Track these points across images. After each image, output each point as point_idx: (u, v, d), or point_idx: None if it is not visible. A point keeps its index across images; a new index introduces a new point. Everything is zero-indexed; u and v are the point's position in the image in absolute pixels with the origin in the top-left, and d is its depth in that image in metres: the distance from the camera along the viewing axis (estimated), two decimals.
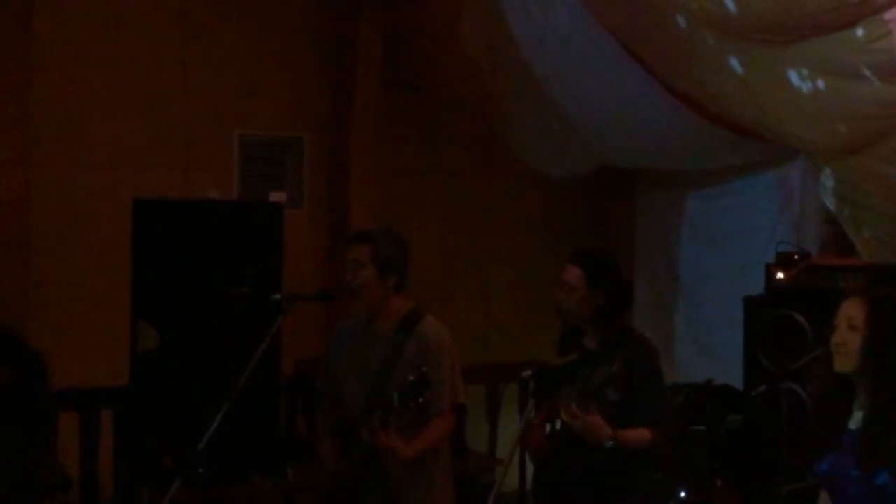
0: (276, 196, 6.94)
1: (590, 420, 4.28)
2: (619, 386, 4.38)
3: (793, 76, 5.82)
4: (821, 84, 5.77)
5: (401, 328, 4.60)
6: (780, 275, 6.43)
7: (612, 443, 4.30)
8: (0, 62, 6.62)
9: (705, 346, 7.73)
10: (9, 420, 4.02)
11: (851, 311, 3.43)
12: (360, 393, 4.60)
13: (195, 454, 4.32)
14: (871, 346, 3.37)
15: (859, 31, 5.30)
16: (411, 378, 4.31)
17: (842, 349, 3.42)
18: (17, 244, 6.67)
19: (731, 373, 6.59)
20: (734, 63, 5.94)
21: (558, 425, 4.60)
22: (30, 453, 4.05)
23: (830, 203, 6.59)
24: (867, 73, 5.47)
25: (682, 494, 5.94)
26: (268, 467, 6.19)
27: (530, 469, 7.26)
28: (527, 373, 4.23)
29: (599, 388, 4.35)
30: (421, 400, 4.30)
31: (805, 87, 5.82)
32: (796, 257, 6.48)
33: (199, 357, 5.91)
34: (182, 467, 4.39)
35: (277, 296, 4.79)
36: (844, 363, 3.43)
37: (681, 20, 5.86)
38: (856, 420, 3.44)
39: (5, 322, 5.81)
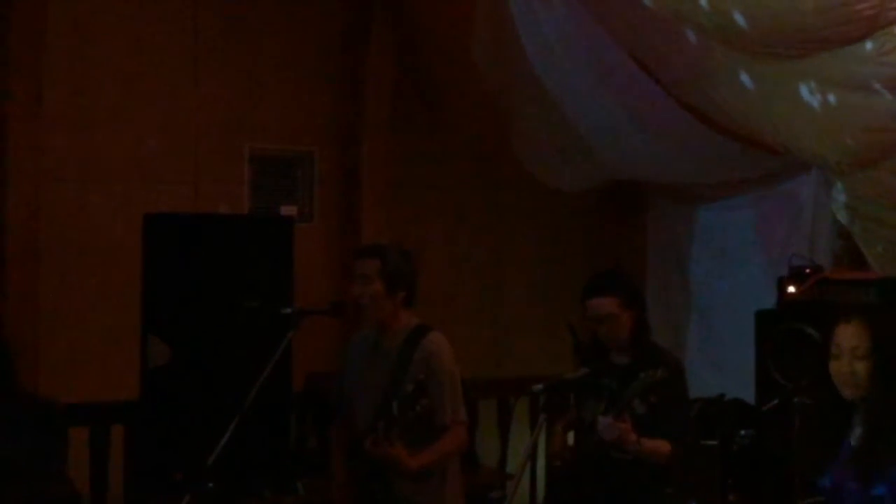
0: (287, 210, 6.95)
1: (622, 427, 4.29)
2: (647, 399, 4.40)
3: (803, 90, 5.80)
4: (831, 98, 5.75)
5: (407, 343, 4.62)
6: (792, 289, 6.40)
7: (634, 448, 4.32)
8: (12, 78, 6.65)
9: (717, 360, 7.71)
10: (19, 436, 4.02)
11: (854, 341, 3.39)
12: (369, 409, 4.61)
13: (205, 468, 4.32)
14: (880, 374, 3.35)
15: (869, 45, 5.29)
16: (409, 387, 4.33)
17: (851, 379, 3.39)
18: (27, 259, 6.68)
19: (743, 387, 6.57)
20: (744, 77, 5.93)
21: (571, 439, 4.62)
22: (40, 469, 4.05)
23: (842, 217, 6.57)
24: (878, 86, 5.46)
25: None
26: (278, 481, 6.19)
27: (541, 484, 7.27)
28: (537, 387, 4.26)
29: (630, 399, 4.37)
30: (418, 408, 4.32)
31: (816, 101, 5.81)
32: (808, 271, 6.45)
33: (209, 372, 5.91)
34: (192, 481, 4.39)
35: (288, 310, 4.78)
36: (855, 392, 3.40)
37: (690, 35, 5.86)
38: (855, 436, 3.43)
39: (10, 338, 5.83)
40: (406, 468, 4.45)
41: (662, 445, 4.44)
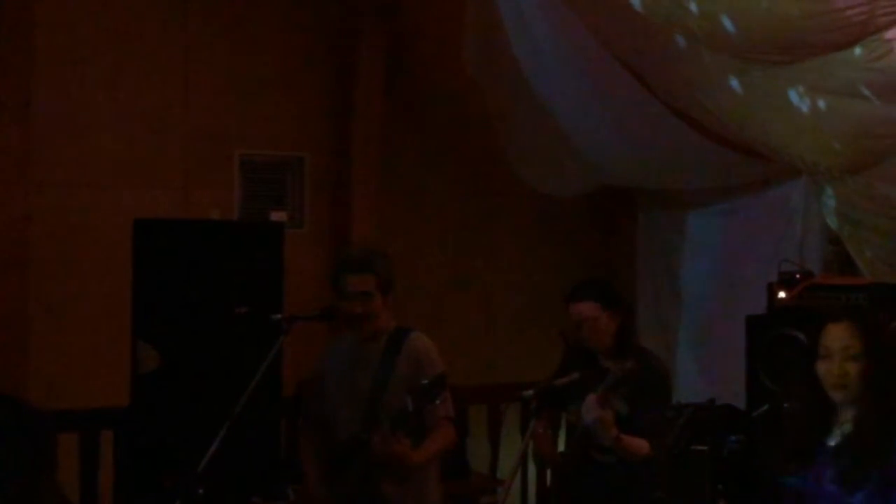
0: (277, 216, 6.94)
1: (603, 414, 4.31)
2: (628, 397, 4.41)
3: (792, 95, 5.83)
4: (821, 103, 5.78)
5: (390, 345, 4.63)
6: (782, 294, 6.41)
7: (612, 440, 4.34)
8: (0, 83, 6.63)
9: (707, 366, 7.72)
10: (7, 442, 4.00)
11: (847, 341, 3.34)
12: (352, 413, 4.61)
13: (195, 475, 4.31)
14: (872, 376, 3.30)
15: (858, 51, 5.31)
16: (425, 382, 4.32)
17: (842, 381, 3.33)
18: (16, 265, 6.67)
19: (733, 392, 6.58)
20: (734, 83, 5.96)
21: (562, 447, 4.63)
22: (29, 476, 4.03)
23: (832, 222, 6.60)
24: (866, 92, 5.48)
25: None
26: (268, 488, 6.17)
27: (532, 490, 7.27)
28: (528, 393, 4.26)
29: (611, 391, 4.38)
30: (438, 402, 4.32)
31: (805, 106, 5.84)
32: (798, 276, 6.46)
33: (199, 377, 5.90)
34: (182, 488, 4.38)
35: (278, 316, 4.79)
36: (846, 394, 3.34)
37: (680, 40, 5.88)
38: (835, 437, 3.38)
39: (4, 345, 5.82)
40: (411, 463, 4.46)
41: (641, 444, 4.46)
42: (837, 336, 3.35)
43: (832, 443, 3.38)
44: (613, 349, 4.64)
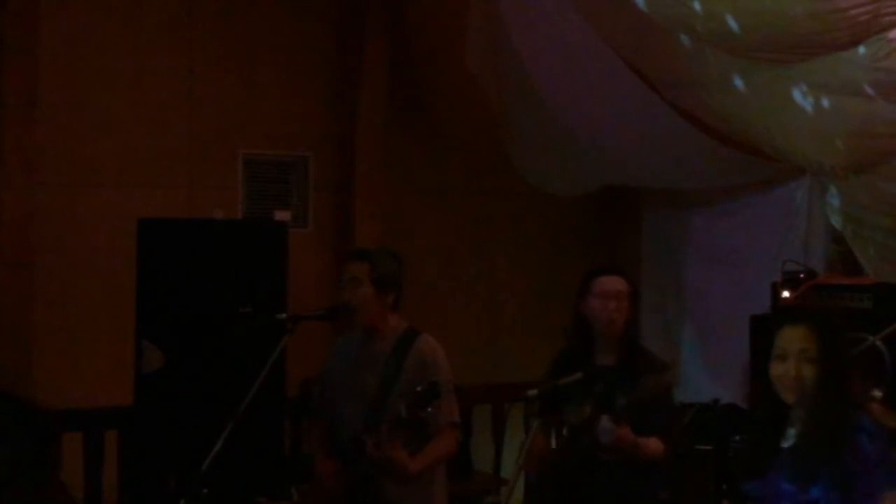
0: (281, 215, 6.94)
1: (621, 433, 4.32)
2: (630, 397, 4.41)
3: (796, 94, 5.82)
4: (825, 103, 5.77)
5: (398, 346, 4.62)
6: (786, 294, 6.41)
7: (632, 450, 4.34)
8: (5, 83, 6.64)
9: (711, 365, 7.71)
10: (10, 442, 4.01)
11: (803, 343, 3.31)
12: (357, 413, 4.61)
13: (199, 475, 4.31)
14: (826, 378, 3.29)
15: (862, 50, 5.30)
16: (419, 388, 4.32)
17: (796, 383, 3.30)
18: (20, 264, 6.68)
19: (737, 392, 6.57)
20: (738, 82, 5.95)
21: (556, 442, 4.62)
22: (33, 475, 4.04)
23: (836, 222, 6.59)
24: (870, 91, 5.47)
25: None
26: (273, 488, 6.18)
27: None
28: (532, 392, 4.25)
29: (612, 397, 4.39)
30: (430, 409, 4.31)
31: (809, 105, 5.83)
32: (802, 276, 6.46)
33: (203, 377, 5.90)
34: (186, 488, 4.39)
35: (282, 315, 4.79)
36: (798, 396, 3.32)
37: (685, 39, 5.87)
38: (789, 438, 3.36)
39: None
40: (407, 471, 4.45)
41: (657, 445, 4.45)
42: (795, 338, 3.33)
43: (786, 444, 3.35)
44: (617, 341, 4.62)
